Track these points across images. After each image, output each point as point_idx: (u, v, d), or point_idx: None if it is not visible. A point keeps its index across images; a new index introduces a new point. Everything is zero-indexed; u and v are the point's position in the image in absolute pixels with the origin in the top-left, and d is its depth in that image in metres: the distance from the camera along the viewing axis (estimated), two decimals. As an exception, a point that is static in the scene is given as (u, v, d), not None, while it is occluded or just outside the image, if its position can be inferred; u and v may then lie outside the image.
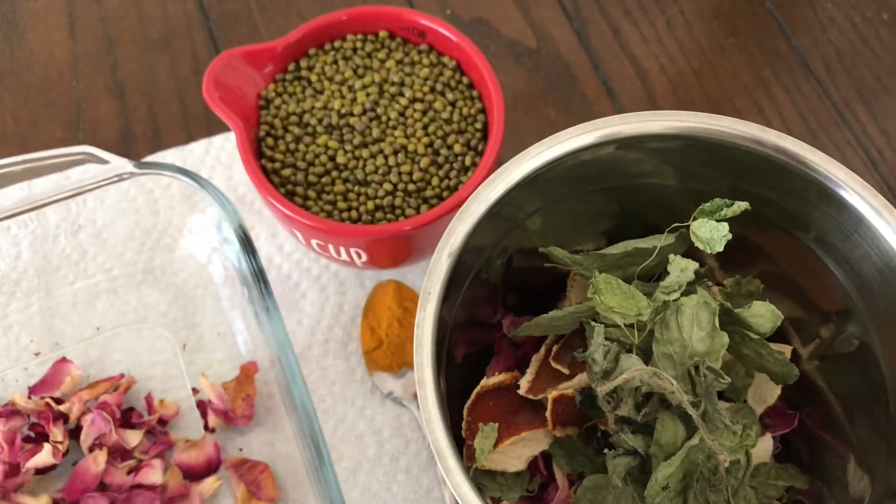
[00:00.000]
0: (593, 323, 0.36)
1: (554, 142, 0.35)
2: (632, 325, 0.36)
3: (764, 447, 0.41)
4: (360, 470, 0.51)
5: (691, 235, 0.35)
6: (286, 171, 0.49)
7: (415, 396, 0.52)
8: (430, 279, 0.33)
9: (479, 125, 0.50)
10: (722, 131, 0.35)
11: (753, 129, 0.35)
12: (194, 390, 0.52)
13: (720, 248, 0.34)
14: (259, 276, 0.49)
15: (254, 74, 0.52)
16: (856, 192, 0.34)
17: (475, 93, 0.51)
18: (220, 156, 0.60)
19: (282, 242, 0.57)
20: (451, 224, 0.34)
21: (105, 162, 0.52)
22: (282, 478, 0.50)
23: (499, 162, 0.46)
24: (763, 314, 0.36)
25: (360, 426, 0.52)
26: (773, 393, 0.42)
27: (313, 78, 0.51)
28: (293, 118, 0.50)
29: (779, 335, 0.43)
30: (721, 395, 0.41)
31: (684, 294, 0.36)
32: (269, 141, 0.50)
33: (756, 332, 0.36)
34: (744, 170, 0.37)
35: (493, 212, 0.35)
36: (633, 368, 0.34)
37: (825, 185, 0.35)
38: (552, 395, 0.39)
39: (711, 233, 0.34)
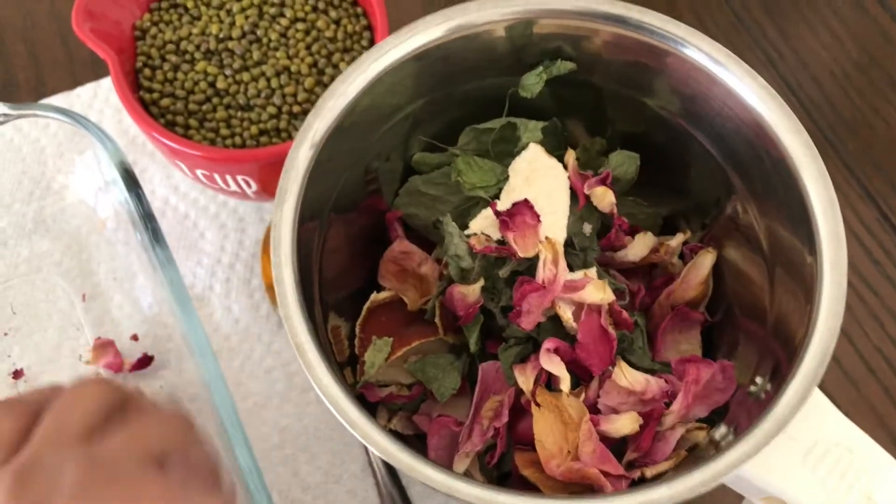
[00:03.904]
0: (442, 219, 0.36)
1: (411, 32, 0.34)
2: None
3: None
4: (270, 404, 0.50)
5: (519, 87, 0.38)
6: (165, 101, 0.47)
7: (321, 326, 0.51)
8: (285, 177, 0.32)
9: (365, 42, 0.49)
10: (576, 10, 0.35)
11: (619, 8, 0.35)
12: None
13: (536, 91, 0.37)
14: (147, 221, 0.47)
15: (129, 4, 0.50)
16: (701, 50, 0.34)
17: (359, 10, 0.50)
18: (108, 98, 0.57)
19: (177, 183, 0.55)
20: (307, 120, 0.32)
21: (-22, 107, 0.49)
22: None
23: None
24: (621, 161, 0.38)
25: (268, 361, 0.51)
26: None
27: (189, 4, 0.49)
28: (170, 46, 0.48)
29: (671, 229, 0.43)
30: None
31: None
32: (147, 72, 0.48)
33: (623, 178, 0.38)
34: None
35: (360, 107, 0.34)
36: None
37: (672, 49, 0.35)
38: (439, 299, 0.39)
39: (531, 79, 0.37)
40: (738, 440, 0.29)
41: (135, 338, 0.51)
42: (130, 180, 0.47)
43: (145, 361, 0.50)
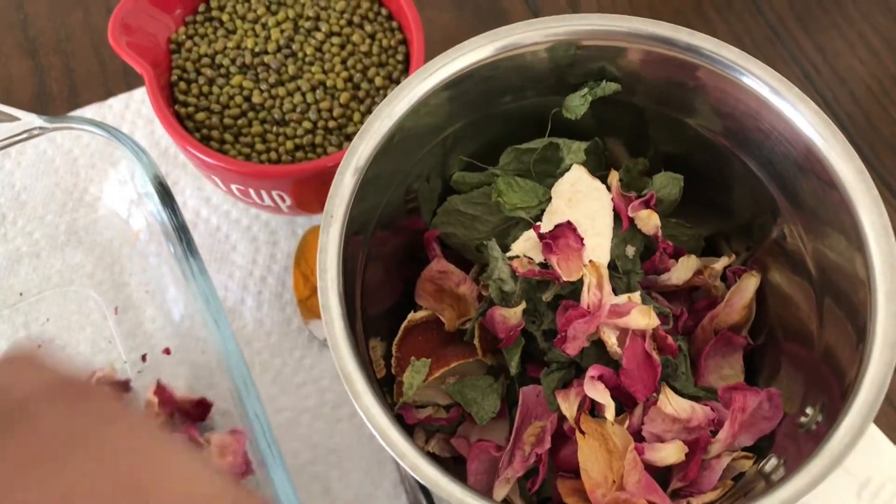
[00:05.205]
0: (486, 243, 0.35)
1: (458, 53, 0.34)
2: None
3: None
4: (301, 420, 0.50)
5: (563, 108, 0.37)
6: (200, 115, 0.47)
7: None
8: (331, 201, 0.31)
9: (400, 57, 0.48)
10: (623, 31, 0.34)
11: (664, 28, 0.34)
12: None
13: (581, 113, 0.37)
14: (181, 233, 0.47)
15: (164, 18, 0.50)
16: (754, 75, 0.33)
17: (395, 24, 0.49)
18: (140, 110, 0.57)
19: (209, 195, 0.55)
20: (352, 143, 0.32)
21: (14, 119, 0.49)
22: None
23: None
24: (665, 183, 0.38)
25: (300, 376, 0.51)
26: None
27: (225, 17, 0.49)
28: (205, 60, 0.48)
29: (712, 250, 0.43)
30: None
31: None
32: (182, 85, 0.48)
33: (667, 200, 0.38)
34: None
35: (404, 129, 0.34)
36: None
37: (720, 71, 0.34)
38: (479, 321, 0.38)
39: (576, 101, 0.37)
40: (793, 475, 0.28)
41: (167, 351, 0.51)
42: (165, 194, 0.47)
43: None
